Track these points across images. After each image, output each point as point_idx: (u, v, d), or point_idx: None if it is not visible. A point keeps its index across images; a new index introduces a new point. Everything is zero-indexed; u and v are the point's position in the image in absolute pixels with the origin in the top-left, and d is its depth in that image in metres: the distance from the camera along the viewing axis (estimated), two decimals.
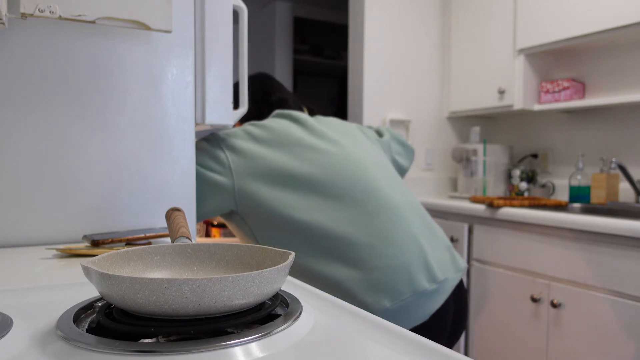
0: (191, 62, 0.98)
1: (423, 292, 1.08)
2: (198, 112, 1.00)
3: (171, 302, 0.40)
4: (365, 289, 1.05)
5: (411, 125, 2.63)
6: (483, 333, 2.05)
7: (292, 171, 1.12)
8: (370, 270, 1.06)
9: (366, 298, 1.04)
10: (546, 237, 1.78)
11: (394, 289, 1.06)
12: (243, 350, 0.38)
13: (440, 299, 1.12)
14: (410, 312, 1.07)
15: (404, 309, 1.06)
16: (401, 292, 1.06)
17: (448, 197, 2.58)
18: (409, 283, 1.07)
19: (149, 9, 0.85)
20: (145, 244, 0.83)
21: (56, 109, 0.86)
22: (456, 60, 2.66)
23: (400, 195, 1.19)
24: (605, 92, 2.23)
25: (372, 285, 1.05)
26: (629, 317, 1.52)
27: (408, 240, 1.11)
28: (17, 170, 0.84)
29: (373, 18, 2.51)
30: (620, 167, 2.00)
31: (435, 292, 1.10)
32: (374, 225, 1.10)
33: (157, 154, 0.95)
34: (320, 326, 0.46)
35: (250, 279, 0.41)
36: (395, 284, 1.06)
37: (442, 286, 1.12)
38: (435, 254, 1.16)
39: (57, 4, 0.78)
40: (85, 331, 0.43)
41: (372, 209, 1.12)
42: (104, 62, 0.90)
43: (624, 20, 1.86)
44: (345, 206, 1.11)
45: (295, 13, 3.69)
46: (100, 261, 0.47)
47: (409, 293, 1.06)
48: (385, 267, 1.06)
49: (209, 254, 0.56)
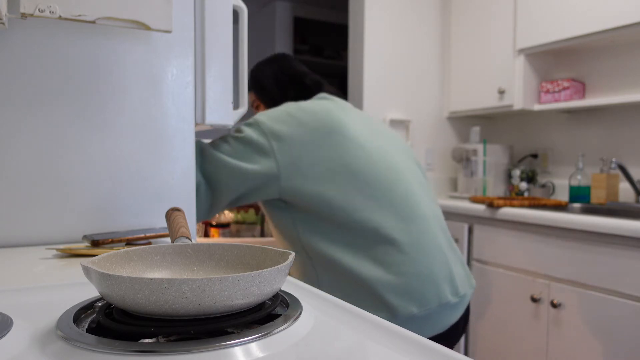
0: (191, 62, 0.98)
1: (447, 304, 1.09)
2: (198, 112, 1.00)
3: (171, 302, 0.39)
4: (394, 293, 1.05)
5: (411, 125, 2.63)
6: (483, 333, 2.05)
7: (337, 166, 1.10)
8: (401, 275, 1.06)
9: (394, 301, 1.04)
10: (546, 237, 1.78)
11: (422, 297, 1.06)
12: (243, 350, 0.38)
13: (459, 313, 1.13)
14: (434, 321, 1.08)
15: (429, 317, 1.07)
16: (428, 301, 1.06)
17: (448, 197, 2.58)
18: (436, 293, 1.07)
19: (149, 9, 0.85)
20: (145, 244, 0.83)
21: (56, 109, 0.86)
22: (456, 60, 2.66)
23: (430, 204, 1.19)
24: (606, 92, 2.23)
25: (401, 290, 1.05)
26: (629, 317, 1.52)
27: (436, 252, 1.11)
28: (17, 170, 0.84)
29: (373, 18, 2.51)
30: (620, 167, 2.00)
31: (456, 305, 1.12)
32: (409, 232, 1.09)
33: (157, 154, 0.95)
34: (320, 326, 0.46)
35: (250, 279, 0.41)
36: (424, 292, 1.06)
37: (462, 300, 1.14)
38: (457, 269, 1.17)
39: (57, 4, 0.78)
40: (85, 331, 0.43)
41: (407, 214, 1.11)
42: (104, 62, 0.90)
43: (624, 20, 1.86)
44: (385, 208, 1.10)
45: (295, 13, 3.69)
46: (100, 261, 0.47)
47: (435, 303, 1.07)
48: (416, 275, 1.06)
49: (209, 254, 0.56)
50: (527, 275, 1.85)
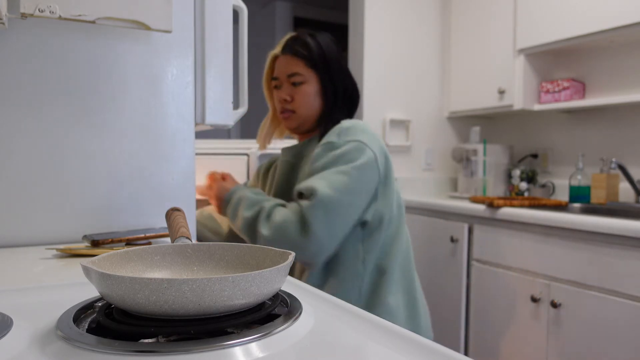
0: (191, 62, 0.98)
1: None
2: (198, 112, 1.00)
3: (171, 302, 0.39)
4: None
5: (411, 125, 2.63)
6: (483, 333, 2.05)
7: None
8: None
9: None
10: (546, 237, 1.78)
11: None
12: (243, 350, 0.38)
13: None
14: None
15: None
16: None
17: (448, 197, 2.58)
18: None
19: (149, 9, 0.85)
20: (145, 244, 0.83)
21: (56, 109, 0.86)
22: (456, 60, 2.65)
23: None
24: (606, 92, 2.23)
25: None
26: (629, 317, 1.52)
27: None
28: (17, 170, 0.84)
29: (373, 18, 2.51)
30: (620, 167, 2.00)
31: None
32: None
33: (157, 154, 0.95)
34: (320, 326, 0.46)
35: (250, 279, 0.41)
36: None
37: None
38: None
39: (57, 4, 0.78)
40: (85, 331, 0.43)
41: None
42: (104, 62, 0.90)
43: (624, 20, 1.86)
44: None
45: (295, 13, 3.69)
46: (100, 261, 0.47)
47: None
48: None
49: (209, 254, 0.56)
50: (527, 275, 1.85)
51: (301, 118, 1.24)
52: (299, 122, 1.25)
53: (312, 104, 1.23)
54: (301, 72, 1.21)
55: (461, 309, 2.13)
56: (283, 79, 1.25)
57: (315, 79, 1.22)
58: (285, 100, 1.23)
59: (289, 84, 1.23)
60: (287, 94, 1.23)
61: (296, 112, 1.24)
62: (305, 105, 1.23)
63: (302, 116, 1.24)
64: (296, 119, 1.24)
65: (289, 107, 1.24)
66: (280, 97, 1.24)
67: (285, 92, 1.24)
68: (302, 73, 1.21)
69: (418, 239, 2.35)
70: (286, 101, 1.24)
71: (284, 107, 1.25)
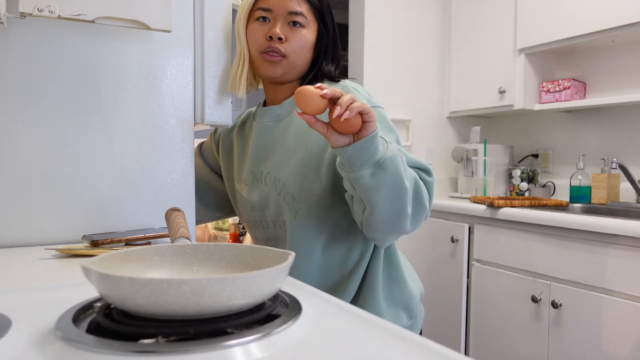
0: (190, 62, 0.98)
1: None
2: (197, 111, 1.00)
3: (171, 302, 0.39)
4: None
5: (411, 125, 2.63)
6: (483, 333, 2.04)
7: None
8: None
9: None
10: (547, 237, 1.78)
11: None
12: (243, 350, 0.38)
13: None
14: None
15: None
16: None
17: (448, 197, 2.58)
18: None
19: (148, 8, 0.85)
20: (144, 244, 0.83)
21: (56, 109, 0.86)
22: (456, 60, 2.65)
23: None
24: (606, 92, 2.22)
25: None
26: (629, 317, 1.52)
27: None
28: (17, 170, 0.84)
29: (373, 18, 2.51)
30: (621, 167, 2.00)
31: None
32: None
33: (156, 154, 0.95)
34: (320, 326, 0.46)
35: (250, 279, 0.41)
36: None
37: None
38: None
39: (56, 4, 0.77)
40: (85, 332, 0.43)
41: None
42: (104, 61, 0.90)
43: (625, 20, 1.86)
44: None
45: None
46: (100, 261, 0.47)
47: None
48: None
49: (209, 254, 0.56)
50: (528, 276, 1.85)
51: (290, 65, 1.02)
52: (284, 70, 1.02)
53: (305, 55, 1.04)
54: (305, 15, 1.02)
55: (461, 309, 2.13)
56: (280, 14, 1.01)
57: (314, 29, 1.05)
58: (279, 38, 1.00)
59: (286, 22, 1.01)
60: (282, 32, 1.00)
61: (287, 58, 1.01)
62: (300, 51, 1.02)
63: (292, 64, 1.02)
64: (285, 65, 1.02)
65: (281, 47, 1.00)
66: (274, 33, 0.99)
67: (279, 29, 1.00)
68: (306, 16, 1.02)
69: (418, 239, 2.35)
70: (279, 40, 1.00)
71: (272, 46, 1.00)
